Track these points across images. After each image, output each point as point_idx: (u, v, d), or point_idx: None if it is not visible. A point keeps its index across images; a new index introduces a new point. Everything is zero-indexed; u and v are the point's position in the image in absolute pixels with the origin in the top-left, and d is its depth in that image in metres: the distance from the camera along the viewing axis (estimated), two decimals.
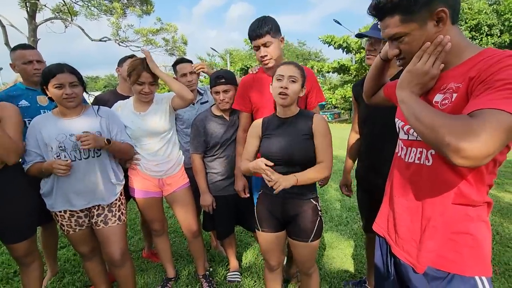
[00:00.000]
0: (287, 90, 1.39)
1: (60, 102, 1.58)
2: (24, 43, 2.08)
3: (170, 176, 1.96)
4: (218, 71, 2.01)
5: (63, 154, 1.58)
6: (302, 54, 34.07)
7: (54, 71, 1.52)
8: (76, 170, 1.61)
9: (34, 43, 12.12)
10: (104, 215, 1.71)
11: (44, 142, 1.58)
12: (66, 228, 1.69)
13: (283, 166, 1.44)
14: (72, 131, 1.60)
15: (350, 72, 16.62)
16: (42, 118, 1.65)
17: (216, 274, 2.30)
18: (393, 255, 1.04)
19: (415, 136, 0.93)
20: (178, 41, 16.22)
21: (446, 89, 0.85)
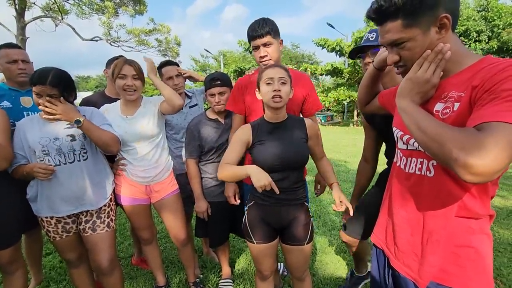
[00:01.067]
0: (281, 92, 1.36)
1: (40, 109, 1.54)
2: (10, 42, 2.00)
3: (158, 182, 1.90)
4: (213, 73, 1.98)
5: (47, 158, 1.53)
6: (296, 56, 34.26)
7: (35, 80, 1.47)
8: (60, 175, 1.55)
9: (23, 41, 11.84)
10: (92, 221, 1.66)
11: (28, 145, 1.54)
12: (52, 235, 1.64)
13: (279, 172, 1.40)
14: (56, 135, 1.55)
15: (343, 75, 16.79)
16: (27, 121, 1.60)
17: (208, 281, 2.25)
18: (392, 268, 1.02)
19: (415, 146, 0.91)
20: (171, 42, 16.10)
21: (447, 97, 0.83)
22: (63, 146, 1.56)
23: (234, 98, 1.83)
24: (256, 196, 1.48)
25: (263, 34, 1.64)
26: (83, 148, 1.61)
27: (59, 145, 1.55)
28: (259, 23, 1.65)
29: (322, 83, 25.15)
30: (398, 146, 1.03)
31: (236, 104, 1.81)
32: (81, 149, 1.60)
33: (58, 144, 1.55)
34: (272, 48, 1.67)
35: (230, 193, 1.86)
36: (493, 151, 0.60)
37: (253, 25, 1.67)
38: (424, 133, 0.74)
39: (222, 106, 1.89)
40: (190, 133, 1.94)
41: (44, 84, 1.47)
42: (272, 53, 1.67)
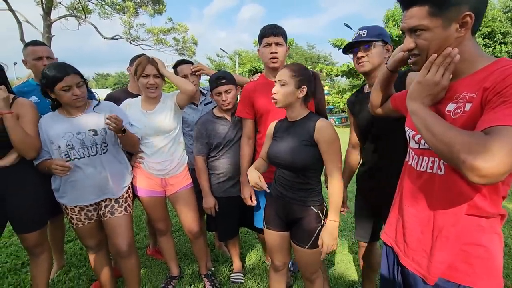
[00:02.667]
0: (275, 95, 1.43)
1: (69, 103, 1.61)
2: (36, 39, 2.12)
3: (173, 176, 1.98)
4: (217, 72, 2.03)
5: (72, 152, 1.62)
6: (311, 57, 34.01)
7: (60, 74, 1.53)
8: (84, 167, 1.65)
9: (49, 39, 12.36)
10: (111, 205, 1.76)
11: (50, 141, 1.62)
12: (75, 222, 1.74)
13: (287, 170, 1.46)
14: (79, 129, 1.64)
15: (359, 76, 16.52)
16: (47, 119, 1.67)
17: (219, 274, 2.31)
18: (401, 265, 1.03)
19: (427, 145, 0.92)
20: (188, 41, 16.37)
21: (458, 98, 0.85)
22: (86, 140, 1.64)
23: (243, 104, 1.90)
24: (271, 186, 1.58)
25: (278, 33, 1.77)
26: (103, 142, 1.70)
27: (82, 139, 1.63)
28: (275, 25, 1.80)
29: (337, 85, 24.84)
30: (410, 145, 1.04)
31: (245, 110, 1.89)
32: (102, 143, 1.69)
33: (81, 138, 1.63)
34: (282, 50, 1.80)
35: (246, 194, 1.92)
36: (499, 155, 0.63)
37: (268, 25, 1.81)
38: (433, 135, 0.76)
39: (229, 104, 1.94)
40: (198, 131, 2.01)
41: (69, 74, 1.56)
42: (281, 54, 1.79)
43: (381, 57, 1.53)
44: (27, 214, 1.68)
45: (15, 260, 2.50)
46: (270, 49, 1.77)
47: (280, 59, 1.78)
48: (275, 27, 1.79)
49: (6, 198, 1.61)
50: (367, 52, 1.51)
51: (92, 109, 1.72)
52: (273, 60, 1.78)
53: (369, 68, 1.53)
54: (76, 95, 1.58)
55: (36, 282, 1.83)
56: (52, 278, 2.22)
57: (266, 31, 1.78)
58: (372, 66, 1.52)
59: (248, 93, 1.88)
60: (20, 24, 11.92)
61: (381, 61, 1.53)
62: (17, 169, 1.60)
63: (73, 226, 1.77)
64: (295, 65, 1.48)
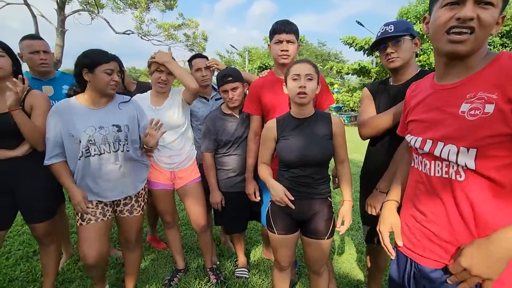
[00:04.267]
0: (306, 89, 1.37)
1: (104, 89, 1.54)
2: (32, 33, 2.13)
3: (182, 169, 2.00)
4: (224, 69, 2.03)
5: (93, 147, 1.54)
6: (322, 54, 33.67)
7: (108, 56, 1.53)
8: (104, 163, 1.59)
9: (62, 33, 12.57)
10: (131, 205, 1.76)
11: (69, 133, 1.52)
12: (88, 217, 1.60)
13: (302, 168, 1.44)
14: (101, 124, 1.57)
15: (370, 74, 16.27)
16: (67, 106, 1.56)
17: (224, 269, 2.32)
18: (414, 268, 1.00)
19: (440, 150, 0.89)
20: (199, 37, 16.40)
21: (474, 98, 0.82)
22: (109, 135, 1.57)
23: (250, 100, 1.90)
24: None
25: (290, 31, 1.73)
26: (126, 139, 1.64)
27: (105, 134, 1.56)
28: (287, 21, 1.76)
29: (347, 83, 24.53)
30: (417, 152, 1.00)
31: (253, 105, 1.88)
32: (125, 140, 1.64)
33: (104, 134, 1.56)
34: (293, 47, 1.77)
35: (250, 190, 1.94)
36: None
37: (281, 21, 1.76)
38: None
39: (236, 102, 1.94)
40: (206, 128, 2.01)
41: (115, 60, 1.57)
42: (292, 51, 1.76)
43: (411, 52, 1.49)
44: (37, 205, 1.71)
45: (27, 248, 2.57)
46: (281, 47, 1.74)
47: (291, 56, 1.76)
48: (287, 23, 1.75)
49: (16, 188, 1.65)
50: (396, 47, 1.47)
51: (117, 105, 1.67)
52: (283, 56, 1.75)
53: (400, 64, 1.48)
54: (115, 80, 1.55)
55: (46, 270, 1.89)
56: (62, 267, 2.27)
57: (278, 27, 1.74)
58: (402, 61, 1.48)
59: (255, 89, 1.88)
60: (35, 18, 12.15)
61: (411, 56, 1.49)
62: (28, 160, 1.63)
63: (83, 224, 1.60)
64: (311, 60, 1.47)
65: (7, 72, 1.55)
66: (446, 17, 0.84)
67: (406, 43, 1.47)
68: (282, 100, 1.71)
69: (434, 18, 0.89)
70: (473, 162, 0.82)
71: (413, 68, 1.52)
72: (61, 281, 2.13)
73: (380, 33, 1.53)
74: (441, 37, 0.87)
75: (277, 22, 1.78)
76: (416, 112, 1.02)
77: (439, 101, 0.93)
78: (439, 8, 0.87)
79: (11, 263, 2.34)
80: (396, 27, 1.47)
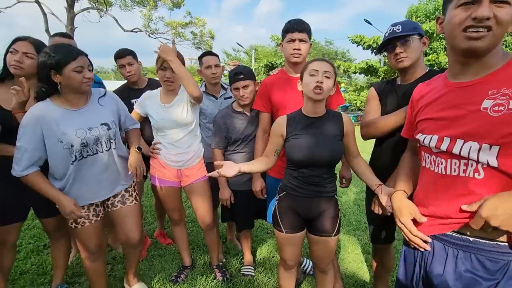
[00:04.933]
0: (323, 84, 1.36)
1: (79, 88, 1.44)
2: (63, 31, 2.20)
3: (189, 167, 2.01)
4: (236, 67, 2.04)
5: (85, 150, 1.48)
6: (329, 53, 33.41)
7: (73, 53, 1.40)
8: (98, 163, 1.56)
9: (72, 31, 12.75)
10: (121, 195, 1.70)
11: (57, 139, 1.42)
12: (82, 221, 1.57)
13: (309, 168, 1.43)
14: (90, 124, 1.50)
15: (378, 74, 16.08)
16: (45, 111, 1.41)
17: (230, 266, 2.34)
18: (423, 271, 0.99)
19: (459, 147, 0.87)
20: (206, 35, 16.47)
21: (498, 94, 0.81)
22: (101, 135, 1.52)
23: (260, 97, 1.90)
24: (288, 187, 1.52)
25: (303, 30, 1.74)
26: (115, 136, 1.61)
27: (96, 135, 1.50)
28: (300, 20, 1.77)
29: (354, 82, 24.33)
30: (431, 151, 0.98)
31: (263, 103, 1.89)
32: (114, 136, 1.60)
33: (95, 134, 1.50)
34: (306, 46, 1.77)
35: (257, 188, 1.95)
36: None
37: (294, 20, 1.77)
38: None
39: (247, 99, 1.95)
40: (217, 125, 2.02)
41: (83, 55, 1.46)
42: (304, 50, 1.76)
43: (419, 51, 1.48)
44: (48, 200, 1.73)
45: (37, 242, 2.62)
46: (293, 45, 1.74)
47: (303, 55, 1.76)
48: (300, 22, 1.75)
49: (26, 186, 1.68)
50: (405, 47, 1.46)
51: (97, 102, 1.59)
52: (295, 55, 1.75)
53: (409, 63, 1.47)
54: (88, 77, 1.44)
55: (56, 263, 1.93)
56: (71, 261, 2.31)
57: (291, 26, 1.74)
58: (411, 61, 1.47)
59: (266, 87, 1.88)
60: (46, 16, 12.33)
61: (419, 55, 1.49)
62: None
63: (78, 226, 1.58)
64: (331, 61, 1.47)
65: (28, 73, 1.55)
66: (462, 16, 0.83)
67: (415, 42, 1.46)
68: (292, 98, 1.71)
69: (450, 18, 0.88)
70: (496, 160, 0.81)
71: (421, 67, 1.51)
72: (70, 274, 2.17)
73: (388, 33, 1.51)
74: (458, 34, 0.86)
75: (289, 21, 1.78)
76: (430, 111, 1.00)
77: (457, 98, 0.91)
78: (454, 8, 0.86)
79: (22, 256, 2.39)
80: (403, 27, 1.46)
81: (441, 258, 0.94)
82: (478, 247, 0.86)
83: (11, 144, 1.56)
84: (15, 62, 1.53)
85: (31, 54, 1.57)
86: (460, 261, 0.89)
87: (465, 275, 0.88)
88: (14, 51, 1.55)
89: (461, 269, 0.88)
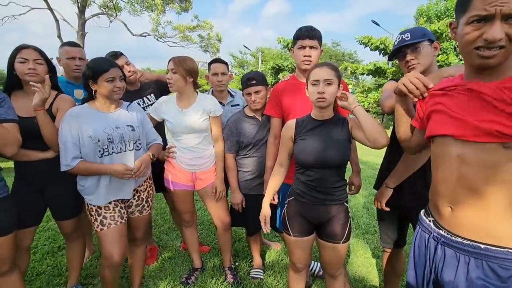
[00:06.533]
0: (324, 94, 1.40)
1: (109, 95, 1.63)
2: (72, 41, 2.27)
3: (203, 171, 2.04)
4: (249, 72, 2.07)
5: (111, 146, 1.64)
6: (336, 55, 33.26)
7: (106, 66, 1.60)
8: (123, 160, 1.66)
9: (82, 36, 13.04)
10: (142, 205, 1.84)
11: (87, 134, 1.57)
12: (108, 222, 1.65)
13: (318, 169, 1.45)
14: (117, 124, 1.67)
15: (386, 75, 15.94)
16: (80, 111, 1.63)
17: (240, 269, 2.36)
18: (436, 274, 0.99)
19: None
20: (213, 38, 16.62)
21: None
22: (125, 135, 1.66)
23: (271, 103, 1.93)
24: (296, 193, 1.54)
25: (314, 37, 1.76)
26: (139, 139, 1.73)
27: (121, 133, 1.65)
28: (311, 27, 1.79)
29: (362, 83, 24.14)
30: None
31: (274, 108, 1.92)
32: (138, 139, 1.72)
33: (120, 133, 1.65)
34: (316, 53, 1.80)
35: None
36: None
37: (306, 27, 1.80)
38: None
39: (258, 104, 1.98)
40: (228, 130, 2.05)
41: (114, 67, 1.62)
42: (314, 57, 1.79)
43: (431, 57, 1.48)
44: (65, 203, 1.80)
45: (52, 244, 2.70)
46: (304, 52, 1.77)
47: (313, 62, 1.78)
48: (311, 29, 1.77)
49: (46, 188, 1.74)
50: (415, 53, 1.46)
51: (126, 108, 1.77)
52: (305, 62, 1.78)
53: (421, 70, 1.46)
54: (118, 87, 1.62)
55: (71, 265, 1.98)
56: (85, 262, 2.37)
57: (302, 33, 1.77)
58: (423, 67, 1.47)
59: (277, 92, 1.91)
60: (58, 22, 12.64)
61: (431, 61, 1.48)
62: (57, 162, 1.66)
63: (104, 228, 1.64)
64: (332, 64, 1.48)
65: (43, 78, 1.63)
66: (473, 36, 0.83)
67: (425, 48, 1.46)
68: (302, 104, 1.74)
69: (461, 34, 0.87)
70: None
71: (433, 72, 1.48)
72: (84, 275, 2.22)
73: (397, 42, 1.52)
74: (470, 51, 0.86)
75: (301, 28, 1.81)
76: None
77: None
78: (465, 24, 0.85)
79: (38, 258, 2.46)
80: (412, 34, 1.47)
81: (453, 265, 0.94)
82: (489, 254, 0.87)
83: (33, 149, 1.65)
84: (30, 71, 1.61)
85: (40, 60, 1.66)
86: (472, 268, 0.90)
87: (476, 282, 0.88)
88: (24, 60, 1.61)
89: (473, 276, 0.89)
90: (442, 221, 0.99)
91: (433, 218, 1.04)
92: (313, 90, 1.42)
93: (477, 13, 0.81)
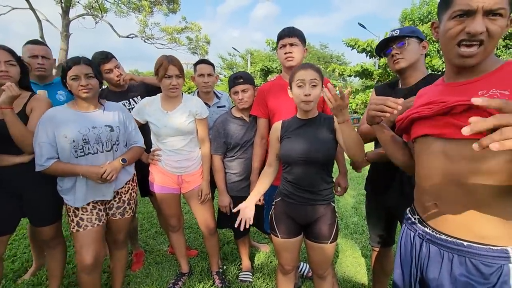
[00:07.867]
0: (310, 96, 1.40)
1: (77, 94, 1.58)
2: (35, 39, 2.14)
3: (189, 173, 2.00)
4: (236, 72, 2.06)
5: (87, 146, 1.59)
6: (324, 57, 33.69)
7: (71, 63, 1.55)
8: (99, 162, 1.62)
9: (67, 37, 12.70)
10: (123, 207, 1.79)
11: (63, 134, 1.54)
12: (84, 223, 1.61)
13: (303, 166, 1.45)
14: (94, 124, 1.62)
15: (373, 77, 16.24)
16: (58, 112, 1.60)
17: (228, 272, 2.32)
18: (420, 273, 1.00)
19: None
20: (201, 40, 16.52)
21: (486, 94, 0.84)
22: (102, 135, 1.62)
23: (258, 103, 1.94)
24: (283, 193, 1.53)
25: (294, 34, 1.80)
26: (117, 140, 1.68)
27: (98, 134, 1.61)
28: (291, 26, 1.86)
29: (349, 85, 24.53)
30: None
31: (260, 108, 1.92)
32: (116, 140, 1.68)
33: (97, 133, 1.60)
34: (297, 49, 1.82)
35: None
36: None
37: (285, 28, 1.85)
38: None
39: (246, 103, 1.96)
40: (216, 130, 2.02)
41: (79, 64, 1.55)
42: (296, 54, 1.81)
43: (417, 54, 1.48)
44: (44, 209, 1.73)
45: None
46: (285, 50, 1.82)
47: (295, 58, 1.80)
48: (290, 28, 1.84)
49: (23, 194, 1.67)
50: (401, 49, 1.48)
51: (107, 108, 1.72)
52: (288, 58, 1.81)
53: (405, 65, 1.48)
54: (82, 85, 1.54)
55: (52, 273, 1.90)
56: (67, 270, 2.28)
57: (282, 32, 1.84)
58: (407, 62, 1.47)
59: (263, 92, 1.92)
60: (40, 22, 12.28)
61: (417, 58, 1.49)
62: (34, 166, 1.59)
63: (80, 230, 1.61)
64: (315, 65, 1.49)
65: (15, 80, 1.59)
66: (456, 30, 0.86)
67: (412, 44, 1.47)
68: (287, 104, 1.74)
69: (444, 30, 0.90)
70: None
71: (421, 71, 1.51)
72: (66, 284, 2.14)
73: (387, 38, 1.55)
74: (451, 49, 0.89)
75: (282, 29, 1.86)
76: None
77: (448, 95, 0.93)
78: (448, 20, 0.89)
79: (16, 267, 2.36)
80: (401, 30, 1.50)
81: (437, 262, 0.95)
82: (472, 251, 0.87)
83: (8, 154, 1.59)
84: (2, 73, 1.54)
85: (12, 61, 1.59)
86: (455, 265, 0.90)
87: (460, 279, 0.89)
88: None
89: (456, 273, 0.89)
90: (427, 218, 1.00)
91: (419, 215, 1.05)
92: (299, 92, 1.42)
93: (460, 7, 0.85)
